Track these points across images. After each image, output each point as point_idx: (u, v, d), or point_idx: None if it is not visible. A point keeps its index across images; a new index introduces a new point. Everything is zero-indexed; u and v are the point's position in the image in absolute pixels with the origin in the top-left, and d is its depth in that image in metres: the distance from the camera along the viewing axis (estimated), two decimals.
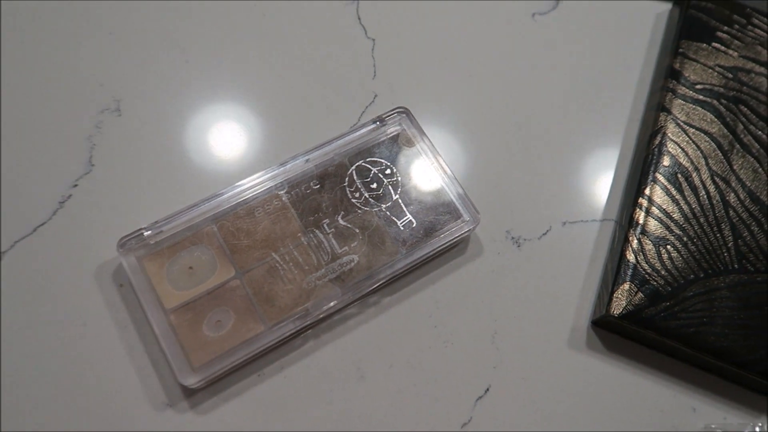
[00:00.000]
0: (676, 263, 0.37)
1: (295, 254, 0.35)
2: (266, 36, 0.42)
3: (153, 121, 0.39)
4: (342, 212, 0.36)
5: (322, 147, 0.38)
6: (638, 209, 0.38)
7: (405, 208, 0.37)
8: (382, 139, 0.39)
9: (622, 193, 0.41)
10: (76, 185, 0.36)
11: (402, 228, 0.37)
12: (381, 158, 0.38)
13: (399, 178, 0.38)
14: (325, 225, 0.36)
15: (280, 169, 0.37)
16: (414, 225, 0.37)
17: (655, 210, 0.38)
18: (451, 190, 0.38)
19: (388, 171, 0.38)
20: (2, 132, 0.37)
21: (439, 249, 0.37)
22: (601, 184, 0.41)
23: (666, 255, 0.37)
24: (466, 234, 0.37)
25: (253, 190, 0.36)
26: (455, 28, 0.44)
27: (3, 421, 0.31)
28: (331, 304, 0.34)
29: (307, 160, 0.37)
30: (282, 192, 0.36)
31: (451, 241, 0.37)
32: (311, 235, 0.36)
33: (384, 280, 0.36)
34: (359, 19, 0.43)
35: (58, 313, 0.34)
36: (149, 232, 0.34)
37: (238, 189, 0.36)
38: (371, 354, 0.35)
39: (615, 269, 0.37)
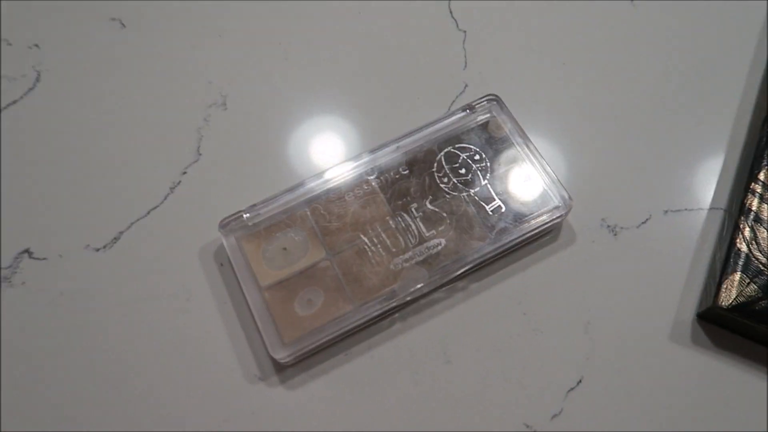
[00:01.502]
0: None
1: (384, 237, 0.36)
2: (360, 32, 0.44)
3: (255, 114, 0.41)
4: (430, 197, 0.37)
5: (411, 134, 0.38)
6: (750, 195, 0.35)
7: (494, 194, 0.37)
8: (472, 126, 0.39)
9: (732, 180, 0.38)
10: (185, 172, 0.39)
11: (491, 213, 0.36)
12: (470, 144, 0.38)
13: (488, 164, 0.37)
14: (413, 209, 0.36)
15: (370, 156, 0.38)
16: (503, 210, 0.36)
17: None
18: (542, 175, 0.37)
19: (476, 157, 0.38)
20: (124, 125, 0.41)
21: (529, 235, 0.36)
22: (708, 171, 0.39)
23: None
24: (557, 220, 0.36)
25: (344, 175, 0.37)
26: (548, 16, 0.44)
27: (114, 383, 0.34)
28: (418, 286, 0.34)
29: (397, 147, 0.38)
30: (371, 177, 0.37)
31: (542, 228, 0.36)
32: (399, 218, 0.36)
33: (472, 265, 0.35)
34: (451, 12, 0.44)
35: (166, 288, 0.36)
36: (248, 214, 0.36)
37: (331, 175, 0.37)
38: (458, 338, 0.35)
39: (724, 259, 0.34)
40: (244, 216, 0.36)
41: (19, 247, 0.37)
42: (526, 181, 0.37)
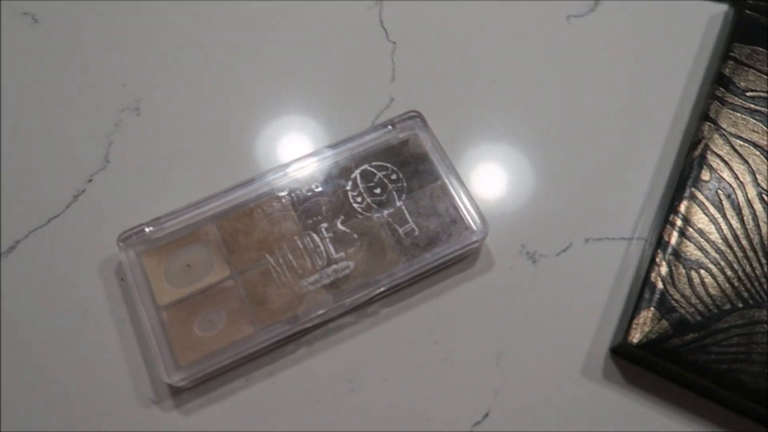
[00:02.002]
0: (710, 290, 0.33)
1: (290, 257, 0.34)
2: (284, 39, 0.42)
3: (168, 122, 0.39)
4: (342, 217, 0.35)
5: (329, 149, 0.37)
6: (669, 227, 0.34)
7: (408, 216, 0.35)
8: (393, 143, 0.37)
9: (655, 210, 0.37)
10: (90, 180, 0.37)
11: (404, 236, 0.35)
12: (388, 163, 0.36)
13: (405, 184, 0.36)
14: (323, 229, 0.35)
15: (283, 171, 0.36)
16: (417, 234, 0.35)
17: (689, 229, 0.34)
18: (460, 199, 0.35)
19: (393, 176, 0.36)
20: (27, 126, 0.38)
21: (443, 260, 0.35)
22: (633, 200, 0.38)
23: (698, 280, 0.33)
24: (473, 246, 0.35)
25: (255, 190, 0.36)
26: (479, 31, 0.43)
27: None
28: (321, 311, 0.33)
29: (312, 162, 0.36)
30: (283, 194, 0.36)
31: (457, 253, 0.35)
32: (308, 238, 0.35)
33: (382, 289, 0.34)
34: (381, 21, 0.42)
35: (61, 303, 0.35)
36: (150, 228, 0.35)
37: (241, 190, 0.36)
38: (365, 366, 0.34)
39: (638, 293, 0.33)
40: (146, 230, 0.35)
41: None
42: (442, 205, 0.35)
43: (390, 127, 0.37)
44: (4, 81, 0.40)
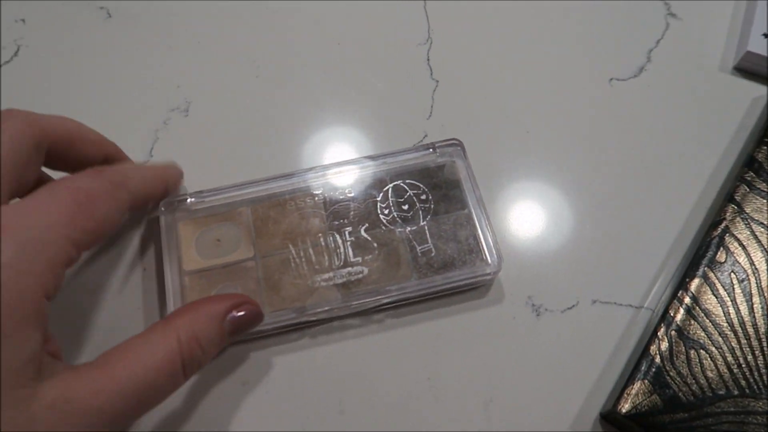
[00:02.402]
0: (707, 372, 0.33)
1: (311, 252, 0.36)
2: (337, 62, 0.45)
3: (215, 125, 0.42)
4: (366, 224, 0.37)
5: (369, 159, 0.39)
6: (677, 303, 0.35)
7: (429, 236, 0.37)
8: (429, 165, 0.39)
9: (667, 283, 0.38)
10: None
11: (420, 254, 0.36)
12: (421, 183, 0.38)
13: (432, 206, 0.38)
14: (346, 232, 0.37)
15: (321, 172, 0.38)
16: (433, 254, 0.36)
17: (696, 308, 0.35)
18: (481, 230, 0.37)
19: (423, 196, 0.38)
20: (87, 113, 0.41)
21: (453, 285, 0.36)
22: (647, 268, 0.38)
23: (697, 360, 0.33)
24: (484, 278, 0.36)
25: (293, 184, 0.38)
26: (523, 81, 0.44)
27: None
28: (327, 307, 0.35)
29: (351, 168, 0.38)
30: (318, 192, 0.38)
31: (467, 281, 0.36)
32: (331, 238, 0.37)
33: (389, 300, 0.36)
34: (428, 59, 0.44)
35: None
36: (192, 199, 0.37)
37: (280, 181, 0.38)
38: (359, 372, 0.35)
39: (635, 363, 0.34)
40: (188, 200, 0.37)
41: None
42: (464, 232, 0.37)
43: (431, 150, 0.39)
44: (73, 68, 0.43)
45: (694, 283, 0.35)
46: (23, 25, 0.44)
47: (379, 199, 0.38)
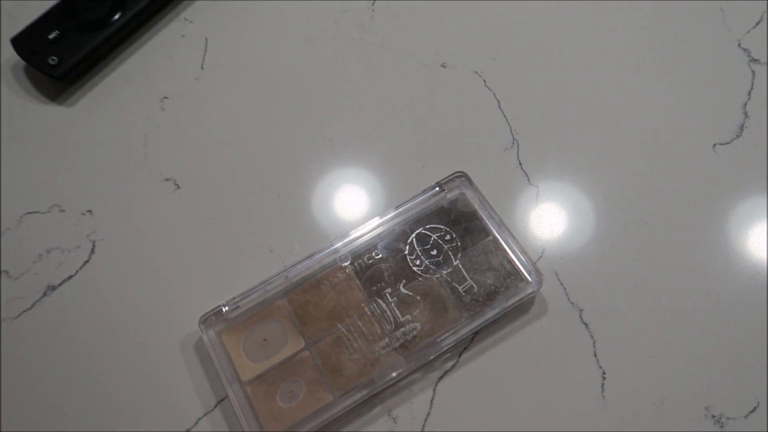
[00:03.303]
0: None
1: (360, 324, 0.36)
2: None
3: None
4: (404, 280, 0.37)
5: (383, 216, 0.39)
6: None
7: (465, 273, 0.37)
8: (442, 203, 0.39)
9: None
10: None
11: (463, 293, 0.37)
12: (440, 224, 0.39)
13: (458, 243, 0.38)
14: (387, 294, 0.37)
15: (343, 241, 0.38)
16: (475, 290, 0.37)
17: None
18: (511, 251, 0.37)
19: (447, 237, 0.38)
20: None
21: (502, 312, 0.36)
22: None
23: None
24: (530, 296, 0.37)
25: (319, 262, 0.38)
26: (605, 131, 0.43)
27: None
28: (394, 374, 0.35)
29: (368, 229, 0.39)
30: (346, 263, 0.38)
31: (512, 305, 0.36)
32: (374, 304, 0.37)
33: (448, 347, 0.36)
34: (520, 163, 0.43)
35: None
36: (227, 308, 0.37)
37: (306, 263, 0.38)
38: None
39: None
40: (224, 310, 0.37)
41: None
42: (497, 259, 0.37)
43: (437, 188, 0.39)
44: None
45: None
46: (91, 217, 0.43)
47: (406, 252, 0.38)
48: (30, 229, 0.42)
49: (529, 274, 0.37)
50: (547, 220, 0.40)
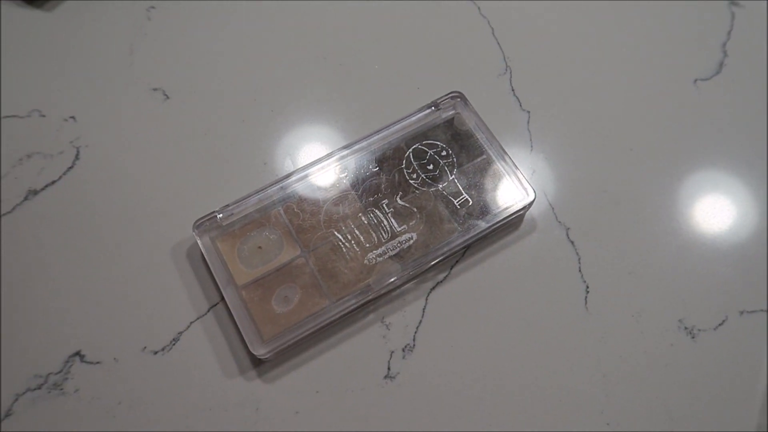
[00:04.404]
0: None
1: (357, 233, 0.37)
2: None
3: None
4: (400, 193, 0.38)
5: (379, 132, 0.39)
6: None
7: (461, 188, 0.38)
8: (438, 122, 0.40)
9: None
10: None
11: (459, 206, 0.38)
12: (437, 141, 0.39)
13: (455, 159, 0.39)
14: (384, 205, 0.37)
15: (341, 154, 0.39)
16: (470, 203, 0.38)
17: None
18: (505, 169, 0.38)
19: (444, 153, 0.39)
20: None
21: (496, 225, 0.37)
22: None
23: None
24: (522, 211, 0.38)
25: (316, 174, 0.38)
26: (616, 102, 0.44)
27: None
28: (391, 279, 0.36)
29: (366, 145, 0.39)
30: (343, 175, 0.38)
31: (509, 218, 0.38)
32: (371, 215, 0.37)
33: (442, 257, 0.37)
34: (513, 89, 0.44)
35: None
36: (221, 215, 0.37)
37: (303, 174, 0.38)
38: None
39: None
40: (218, 216, 0.37)
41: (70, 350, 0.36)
42: (491, 175, 0.38)
43: (433, 107, 0.40)
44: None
45: None
46: (75, 123, 0.41)
47: (403, 166, 0.39)
48: (8, 133, 0.41)
49: (521, 192, 0.38)
50: (537, 145, 0.42)
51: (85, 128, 0.41)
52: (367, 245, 0.37)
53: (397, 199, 0.38)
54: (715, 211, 0.40)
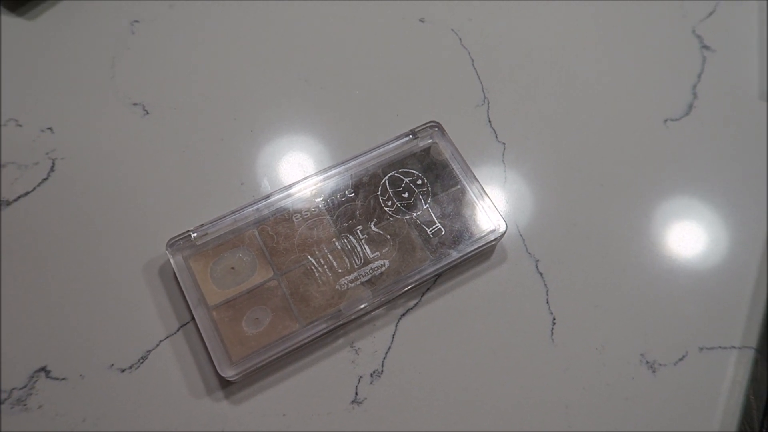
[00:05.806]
0: None
1: (330, 258, 0.37)
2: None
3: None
4: (375, 219, 0.38)
5: (356, 158, 0.40)
6: None
7: (434, 217, 0.39)
8: (415, 150, 0.41)
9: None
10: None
11: (431, 235, 0.38)
12: (413, 169, 0.40)
13: (429, 189, 0.39)
14: (358, 231, 0.38)
15: (317, 178, 0.39)
16: (443, 233, 0.38)
17: None
18: (478, 201, 0.39)
19: (419, 181, 0.40)
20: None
21: (467, 255, 0.38)
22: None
23: None
24: (494, 242, 0.39)
25: (292, 197, 0.39)
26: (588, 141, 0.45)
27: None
28: (362, 305, 0.36)
29: (343, 170, 0.39)
30: (319, 199, 0.39)
31: (477, 249, 0.38)
32: (345, 240, 0.38)
33: (413, 285, 0.37)
34: (489, 121, 0.45)
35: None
36: (195, 234, 0.37)
37: (279, 196, 0.38)
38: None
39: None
40: (192, 235, 0.37)
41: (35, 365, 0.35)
42: (465, 206, 0.39)
43: (410, 135, 0.41)
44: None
45: None
46: (52, 135, 0.41)
47: (379, 192, 0.39)
48: None
49: (493, 223, 0.39)
50: (511, 176, 0.43)
51: (62, 140, 0.41)
52: (340, 270, 0.37)
53: (371, 225, 0.38)
54: (680, 248, 0.41)
